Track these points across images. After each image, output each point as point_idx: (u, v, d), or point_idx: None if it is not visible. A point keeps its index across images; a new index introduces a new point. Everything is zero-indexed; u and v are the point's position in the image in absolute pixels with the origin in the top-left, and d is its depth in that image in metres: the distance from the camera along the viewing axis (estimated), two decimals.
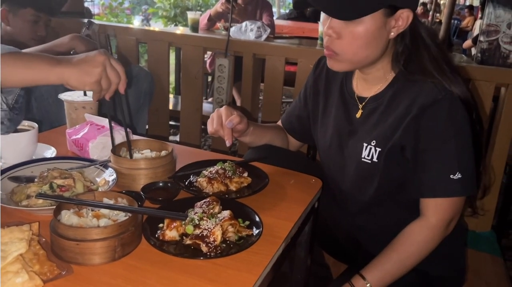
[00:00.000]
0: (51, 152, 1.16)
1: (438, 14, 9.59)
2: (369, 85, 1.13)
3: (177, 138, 2.99)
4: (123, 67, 0.96)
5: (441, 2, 12.07)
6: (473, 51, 5.58)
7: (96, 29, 2.25)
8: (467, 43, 6.39)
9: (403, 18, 1.00)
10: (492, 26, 2.69)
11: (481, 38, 2.72)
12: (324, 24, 1.03)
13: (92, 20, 2.35)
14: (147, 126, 2.58)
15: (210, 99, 3.78)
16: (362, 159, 1.10)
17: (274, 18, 3.93)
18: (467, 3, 14.59)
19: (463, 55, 3.92)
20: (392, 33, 1.01)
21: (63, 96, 1.29)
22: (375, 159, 1.08)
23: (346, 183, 1.19)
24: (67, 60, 0.91)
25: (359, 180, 1.14)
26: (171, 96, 3.77)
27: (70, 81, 0.90)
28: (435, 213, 1.04)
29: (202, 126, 2.59)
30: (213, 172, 1.05)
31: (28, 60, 0.88)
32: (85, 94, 1.31)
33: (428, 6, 12.25)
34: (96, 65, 0.90)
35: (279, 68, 2.32)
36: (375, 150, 1.08)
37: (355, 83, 1.17)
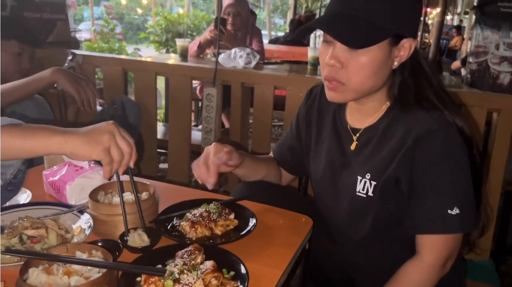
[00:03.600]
0: (25, 196, 1.10)
1: (426, 34, 9.76)
2: (363, 116, 1.09)
3: (166, 165, 2.94)
4: (132, 139, 0.90)
5: (429, 22, 12.30)
6: (463, 72, 5.64)
7: (80, 61, 2.22)
8: (456, 64, 6.45)
9: (405, 47, 0.97)
10: (481, 47, 2.69)
11: (470, 59, 2.72)
12: (323, 54, 0.99)
13: (75, 52, 2.31)
14: None
15: (200, 127, 3.74)
16: (357, 193, 1.05)
17: (265, 41, 3.94)
18: (455, 23, 14.90)
19: (452, 76, 3.94)
20: (396, 63, 0.99)
21: None
22: (370, 193, 1.03)
23: (339, 218, 1.14)
24: (72, 129, 0.84)
25: (354, 214, 1.09)
26: (160, 124, 3.73)
27: (74, 150, 0.81)
28: (430, 251, 0.99)
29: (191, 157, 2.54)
30: (197, 215, 0.99)
31: (27, 129, 0.82)
32: None
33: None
34: (103, 132, 0.84)
35: (268, 96, 2.29)
36: (370, 184, 1.03)
37: (349, 114, 1.13)
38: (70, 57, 2.16)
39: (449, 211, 0.95)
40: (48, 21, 2.74)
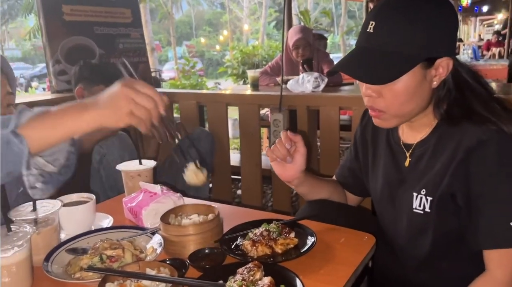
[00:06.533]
0: (108, 221, 1.22)
1: None
2: (414, 131, 1.08)
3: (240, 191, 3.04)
4: (153, 88, 0.90)
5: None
6: None
7: None
8: None
9: (443, 66, 0.95)
10: None
11: None
12: (361, 84, 1.01)
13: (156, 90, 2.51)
14: (210, 185, 2.65)
15: None
16: (414, 210, 1.03)
17: None
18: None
19: None
20: (435, 82, 0.97)
21: (120, 167, 1.37)
22: (427, 209, 1.01)
23: (401, 236, 1.12)
24: (93, 102, 0.87)
25: (413, 232, 1.07)
26: (236, 152, 3.88)
27: (104, 124, 0.85)
28: (499, 266, 0.93)
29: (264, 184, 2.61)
30: (258, 234, 1.04)
31: (55, 116, 0.85)
32: (140, 163, 1.39)
33: (502, 34, 11.68)
34: (120, 98, 0.85)
35: (334, 117, 2.30)
36: (426, 199, 1.01)
37: (401, 130, 1.13)
38: None
39: (511, 223, 0.89)
40: (131, 65, 3.00)
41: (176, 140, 2.20)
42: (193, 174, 1.02)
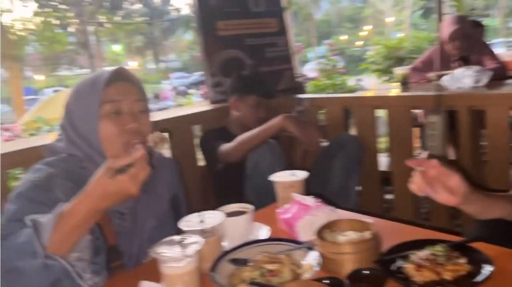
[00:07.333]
0: (265, 231, 1.26)
1: None
2: None
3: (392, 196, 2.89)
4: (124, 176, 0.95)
5: None
6: None
7: (306, 104, 2.43)
8: None
9: None
10: None
11: None
12: None
13: (300, 96, 2.55)
14: (360, 188, 2.57)
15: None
16: None
17: (503, 50, 3.50)
18: None
19: None
20: None
21: (273, 177, 1.41)
22: None
23: None
24: (86, 195, 0.96)
25: None
26: (384, 155, 3.70)
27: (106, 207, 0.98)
28: None
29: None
30: (422, 257, 0.95)
31: (69, 220, 0.95)
32: (292, 174, 1.41)
33: None
34: (101, 183, 0.95)
35: (503, 119, 2.01)
36: None
37: None
38: (298, 102, 2.41)
39: None
40: (277, 73, 3.12)
41: (322, 145, 2.18)
42: None
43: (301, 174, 1.40)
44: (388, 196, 3.22)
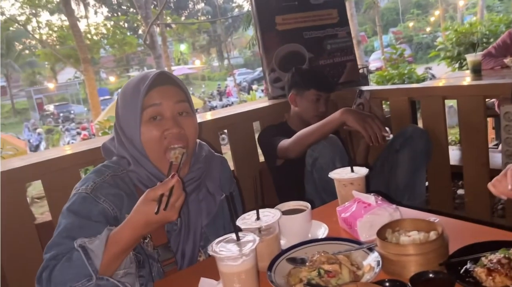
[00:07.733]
0: (323, 230, 1.24)
1: None
2: None
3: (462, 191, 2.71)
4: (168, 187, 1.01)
5: None
6: None
7: (368, 97, 2.35)
8: None
9: None
10: None
11: None
12: None
13: (362, 88, 2.47)
14: (426, 183, 2.44)
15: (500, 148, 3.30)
16: None
17: None
18: None
19: None
20: None
21: (333, 174, 1.37)
22: None
23: None
24: (132, 221, 1.04)
25: None
26: (455, 148, 3.48)
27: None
28: None
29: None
30: (494, 261, 0.88)
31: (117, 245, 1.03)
32: (352, 170, 1.36)
33: None
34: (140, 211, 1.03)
35: None
36: None
37: None
38: (358, 95, 2.33)
39: None
40: (339, 65, 3.04)
41: (387, 139, 2.09)
42: None
43: (362, 171, 1.35)
44: (460, 191, 3.03)
